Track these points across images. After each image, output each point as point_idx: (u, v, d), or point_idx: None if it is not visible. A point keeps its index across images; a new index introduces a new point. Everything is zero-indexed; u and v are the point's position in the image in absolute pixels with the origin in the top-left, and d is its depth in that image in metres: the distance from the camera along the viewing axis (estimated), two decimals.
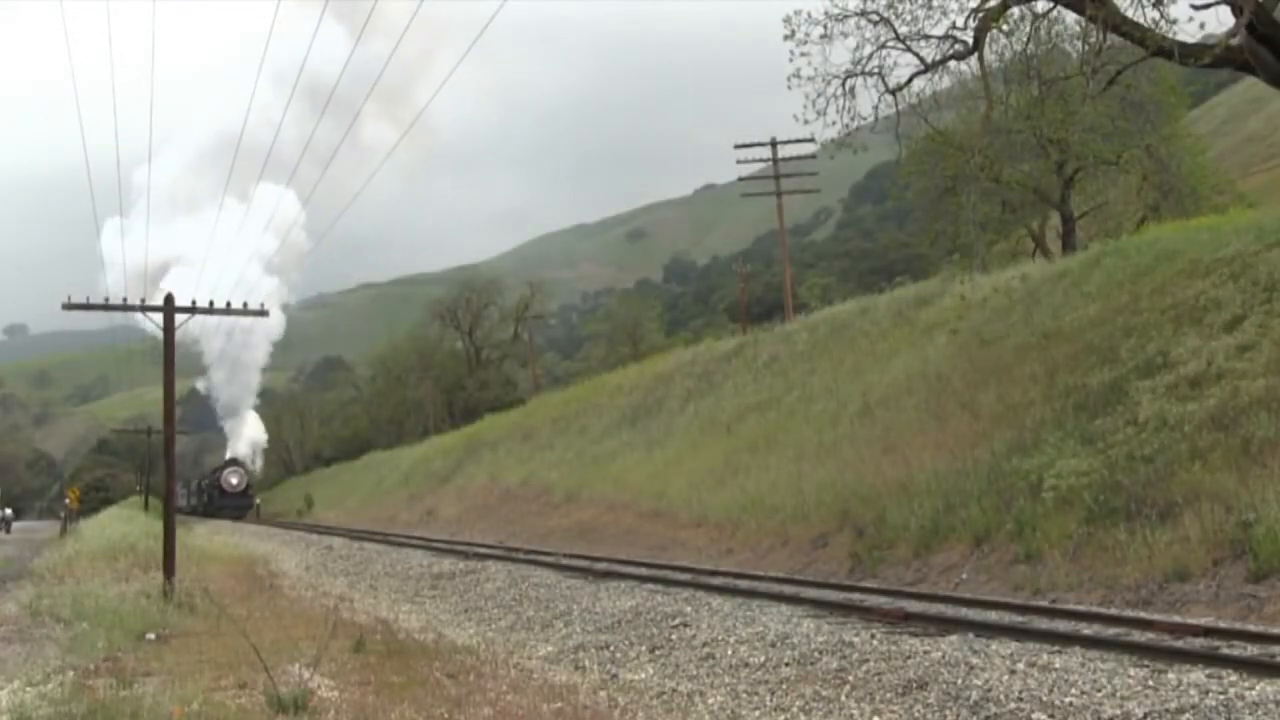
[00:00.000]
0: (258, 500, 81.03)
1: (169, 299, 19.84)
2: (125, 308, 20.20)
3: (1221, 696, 8.33)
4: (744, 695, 10.23)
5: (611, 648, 13.12)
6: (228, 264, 42.59)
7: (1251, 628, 11.07)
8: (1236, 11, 15.69)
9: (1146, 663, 9.69)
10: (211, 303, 20.74)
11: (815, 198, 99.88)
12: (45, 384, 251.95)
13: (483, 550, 28.22)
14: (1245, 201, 36.20)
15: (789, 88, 20.35)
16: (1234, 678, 8.89)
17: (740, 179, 55.42)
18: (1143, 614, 12.36)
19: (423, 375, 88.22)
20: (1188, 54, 16.88)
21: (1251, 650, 10.02)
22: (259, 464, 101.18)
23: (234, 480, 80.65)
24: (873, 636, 11.82)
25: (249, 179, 63.90)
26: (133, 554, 25.38)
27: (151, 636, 13.44)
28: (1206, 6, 16.07)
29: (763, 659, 11.34)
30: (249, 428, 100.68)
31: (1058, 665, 9.74)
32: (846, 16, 19.78)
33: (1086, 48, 18.71)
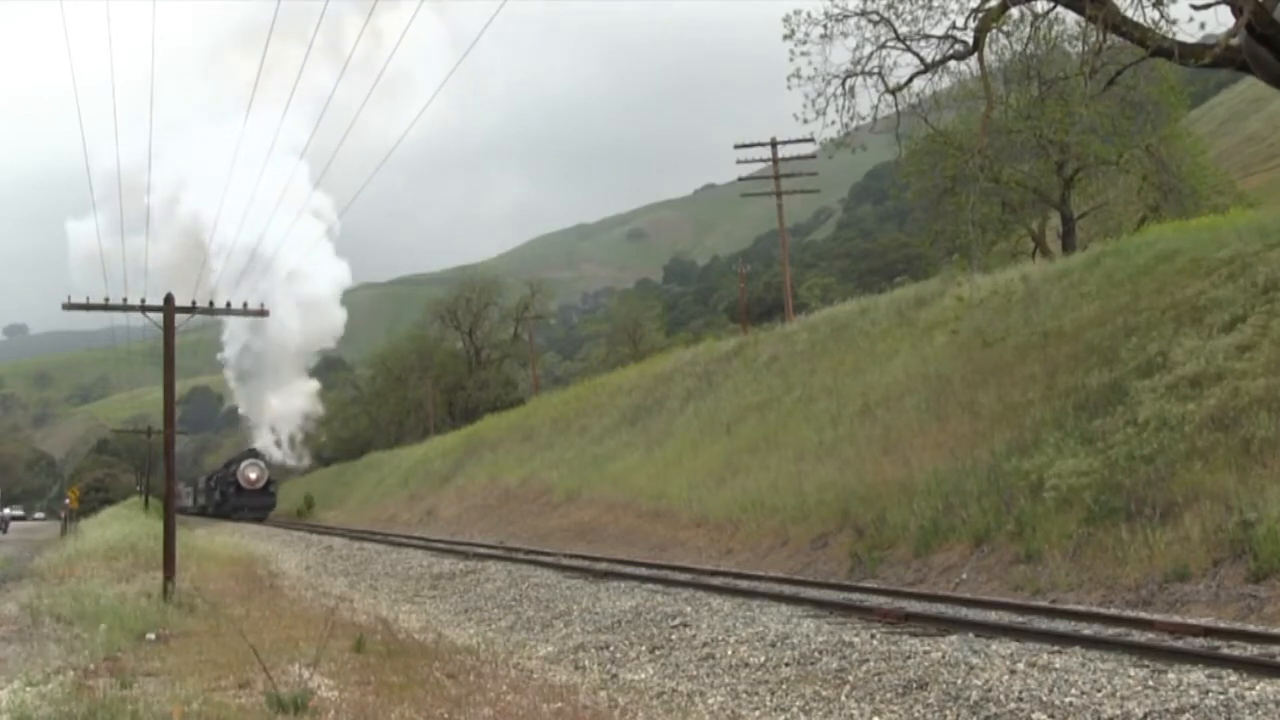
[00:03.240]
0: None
1: (169, 299, 19.85)
2: (125, 308, 20.19)
3: (1221, 696, 8.33)
4: (744, 695, 10.23)
5: (611, 648, 13.12)
6: (269, 175, 39.05)
7: (1251, 628, 11.07)
8: (1236, 11, 15.69)
9: (1146, 663, 9.69)
10: (211, 302, 20.88)
11: (815, 198, 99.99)
12: (45, 384, 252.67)
13: (483, 550, 28.21)
14: (1245, 201, 36.28)
15: (789, 88, 20.37)
16: (1234, 678, 8.89)
17: (740, 179, 55.50)
18: (1143, 614, 12.36)
19: (423, 375, 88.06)
20: (1187, 54, 16.86)
21: (1251, 650, 10.02)
22: (294, 445, 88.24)
23: (253, 475, 68.43)
24: (873, 636, 11.81)
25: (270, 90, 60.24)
26: (133, 554, 25.43)
27: (151, 636, 13.44)
28: (1206, 6, 16.06)
29: (763, 659, 11.34)
30: (298, 396, 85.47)
31: (1058, 665, 9.73)
32: (846, 16, 19.79)
33: (1086, 48, 18.67)
